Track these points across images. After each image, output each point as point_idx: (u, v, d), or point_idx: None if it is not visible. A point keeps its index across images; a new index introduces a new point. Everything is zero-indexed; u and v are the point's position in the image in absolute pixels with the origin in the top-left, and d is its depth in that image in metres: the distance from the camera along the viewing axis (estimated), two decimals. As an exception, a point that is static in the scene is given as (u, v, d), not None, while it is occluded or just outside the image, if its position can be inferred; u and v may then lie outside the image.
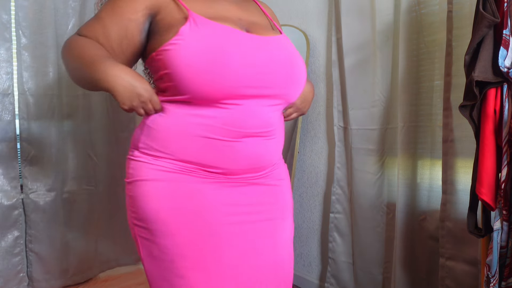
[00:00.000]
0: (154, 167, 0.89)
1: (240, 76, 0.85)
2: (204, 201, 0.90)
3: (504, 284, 1.13)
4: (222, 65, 0.83)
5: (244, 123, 0.89)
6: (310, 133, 2.21)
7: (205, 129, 0.88)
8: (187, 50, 0.83)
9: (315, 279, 2.21)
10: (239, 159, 0.91)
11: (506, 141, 1.10)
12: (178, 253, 0.88)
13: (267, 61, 0.90)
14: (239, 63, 0.85)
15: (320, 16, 2.12)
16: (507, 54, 1.09)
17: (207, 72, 0.83)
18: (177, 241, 0.88)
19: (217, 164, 0.90)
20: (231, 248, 0.91)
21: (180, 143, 0.89)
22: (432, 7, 1.60)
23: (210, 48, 0.83)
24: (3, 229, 2.00)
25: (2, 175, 2.00)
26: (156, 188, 0.89)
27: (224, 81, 0.84)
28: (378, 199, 1.82)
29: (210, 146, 0.89)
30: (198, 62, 0.82)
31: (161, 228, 0.88)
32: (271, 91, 0.92)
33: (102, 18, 0.92)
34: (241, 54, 0.85)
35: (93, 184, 2.26)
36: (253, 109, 0.90)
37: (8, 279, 2.01)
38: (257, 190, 0.98)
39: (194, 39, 0.83)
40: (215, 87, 0.84)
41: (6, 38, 1.98)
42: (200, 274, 0.88)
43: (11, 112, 2.01)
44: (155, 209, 0.88)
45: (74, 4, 2.15)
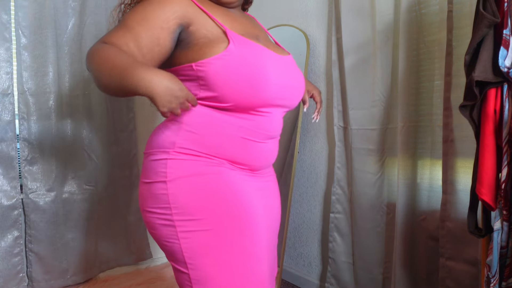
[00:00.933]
0: (195, 164, 0.99)
1: (272, 90, 1.00)
2: (242, 187, 1.03)
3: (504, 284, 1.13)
4: (261, 81, 0.97)
5: (270, 127, 1.06)
6: (310, 133, 2.21)
7: (242, 131, 1.02)
8: (233, 66, 0.94)
9: (315, 279, 2.21)
10: (264, 157, 1.08)
11: (506, 141, 1.10)
12: (224, 239, 0.97)
13: (289, 77, 1.07)
14: (273, 80, 1.00)
15: (320, 16, 2.12)
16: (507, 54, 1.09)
17: (249, 87, 0.96)
18: (223, 228, 0.97)
19: (247, 161, 1.05)
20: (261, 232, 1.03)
21: (218, 142, 1.00)
22: (432, 7, 1.60)
23: (252, 65, 0.96)
24: (3, 229, 2.00)
25: (2, 175, 2.00)
26: (200, 181, 0.98)
27: (261, 94, 0.99)
28: (378, 199, 1.82)
29: (245, 145, 1.03)
30: (242, 77, 0.95)
31: (213, 215, 0.96)
32: (289, 102, 1.10)
33: (132, 27, 0.94)
34: (274, 72, 1.00)
35: (93, 184, 2.26)
36: (277, 115, 1.07)
37: (8, 279, 2.01)
38: (270, 181, 1.17)
39: (238, 56, 0.95)
40: (254, 99, 0.99)
41: (6, 38, 1.98)
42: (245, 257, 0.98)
43: (11, 112, 2.01)
44: (202, 198, 0.97)
45: (74, 4, 2.15)
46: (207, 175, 0.98)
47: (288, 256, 2.37)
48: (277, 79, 1.01)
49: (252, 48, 0.99)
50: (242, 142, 1.01)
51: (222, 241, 0.96)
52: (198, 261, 0.96)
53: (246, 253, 0.98)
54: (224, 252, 0.96)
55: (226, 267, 0.96)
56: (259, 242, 1.01)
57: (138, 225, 2.44)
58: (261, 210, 1.05)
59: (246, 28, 1.08)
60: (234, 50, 0.95)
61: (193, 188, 0.97)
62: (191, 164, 0.98)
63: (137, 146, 2.44)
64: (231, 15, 1.09)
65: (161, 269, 2.47)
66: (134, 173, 2.41)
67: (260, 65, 0.97)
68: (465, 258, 1.50)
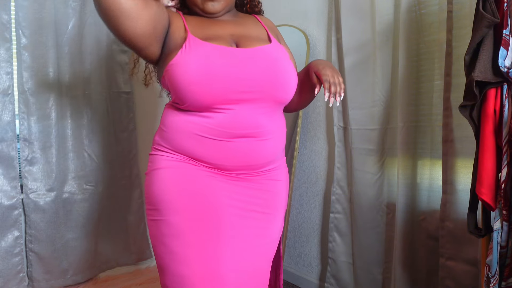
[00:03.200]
0: (164, 158, 1.07)
1: (225, 85, 1.00)
2: (205, 184, 1.04)
3: (504, 284, 1.13)
4: (210, 77, 0.99)
5: (235, 125, 1.03)
6: (310, 133, 2.21)
7: (198, 129, 1.03)
8: (182, 69, 1.00)
9: (315, 279, 2.21)
10: (231, 157, 1.05)
11: (506, 141, 1.10)
12: (183, 228, 1.01)
13: (249, 70, 1.03)
14: (225, 74, 1.00)
15: (320, 16, 2.12)
16: (507, 54, 1.09)
17: (199, 85, 0.99)
18: (183, 217, 1.01)
19: (208, 159, 1.05)
20: (227, 228, 1.03)
21: (180, 140, 1.05)
22: (432, 7, 1.60)
23: (201, 65, 1.00)
24: (3, 229, 2.00)
25: (2, 175, 2.00)
26: (165, 173, 1.05)
27: (212, 90, 1.00)
28: (378, 199, 1.82)
29: (202, 143, 1.04)
30: (191, 77, 0.99)
31: (169, 206, 1.02)
32: (256, 95, 1.04)
33: None
34: (226, 67, 1.01)
35: (93, 184, 2.26)
36: (243, 112, 1.03)
37: (8, 279, 2.01)
38: (251, 186, 1.10)
39: (188, 59, 1.01)
40: (206, 96, 1.00)
41: (6, 38, 1.98)
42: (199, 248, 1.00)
43: (11, 112, 2.01)
44: (164, 190, 1.04)
45: (74, 4, 2.15)
46: (171, 168, 1.05)
47: (288, 256, 2.37)
48: (231, 74, 1.01)
49: (203, 48, 1.03)
50: (199, 140, 1.04)
51: (176, 232, 1.01)
52: (157, 248, 1.04)
53: (201, 246, 1.00)
54: (178, 243, 1.00)
55: (178, 257, 1.00)
56: (218, 237, 1.01)
57: (138, 225, 2.44)
58: (227, 207, 1.04)
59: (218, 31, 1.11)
60: (183, 54, 1.02)
61: (157, 180, 1.05)
62: (161, 159, 1.08)
63: (137, 146, 2.44)
64: (211, 22, 1.14)
65: (161, 269, 2.47)
66: (134, 173, 2.41)
67: (207, 63, 1.00)
68: (465, 258, 1.50)
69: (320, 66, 1.10)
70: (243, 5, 1.28)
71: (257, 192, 1.10)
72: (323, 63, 1.12)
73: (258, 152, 1.07)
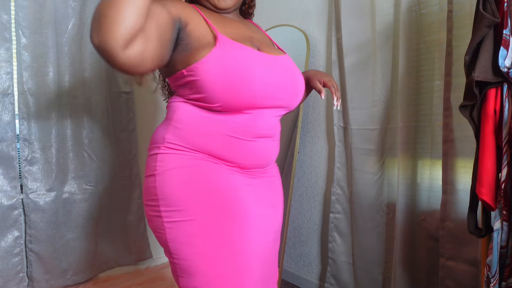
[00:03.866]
0: (181, 157, 1.02)
1: (259, 91, 1.01)
2: (229, 182, 1.04)
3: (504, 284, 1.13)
4: (247, 82, 0.99)
5: (258, 125, 1.06)
6: (310, 133, 2.21)
7: (227, 128, 1.03)
8: (216, 69, 0.97)
9: (315, 279, 2.21)
10: (254, 156, 1.07)
11: (506, 141, 1.10)
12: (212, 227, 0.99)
13: (278, 77, 1.06)
14: (260, 80, 1.01)
15: (320, 16, 2.12)
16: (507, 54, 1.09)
17: (235, 88, 0.98)
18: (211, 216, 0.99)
19: (234, 158, 1.05)
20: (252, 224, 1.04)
21: (203, 139, 1.03)
22: (432, 7, 1.60)
23: (238, 67, 0.98)
24: (3, 229, 2.00)
25: (2, 175, 2.00)
26: (185, 173, 1.01)
27: (248, 94, 1.00)
28: (378, 199, 1.82)
29: (231, 143, 1.03)
30: (228, 79, 0.97)
31: (196, 206, 0.99)
32: (279, 102, 1.09)
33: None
34: (261, 72, 1.02)
35: (93, 184, 2.26)
36: (265, 114, 1.07)
37: (8, 279, 2.01)
38: (264, 182, 1.14)
39: (222, 59, 0.98)
40: (239, 99, 1.00)
41: (6, 38, 1.98)
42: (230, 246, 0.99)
43: (11, 112, 2.01)
44: (188, 189, 0.99)
45: (74, 4, 2.15)
46: (190, 167, 1.01)
47: (288, 256, 2.37)
48: (264, 79, 1.02)
49: (238, 50, 1.01)
50: (227, 140, 1.03)
51: (205, 231, 0.98)
52: (182, 251, 0.99)
53: (231, 243, 0.99)
54: (208, 242, 0.98)
55: (209, 257, 0.98)
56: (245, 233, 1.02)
57: (138, 225, 2.44)
58: (249, 202, 1.05)
59: (239, 31, 1.10)
60: (219, 53, 0.97)
61: (178, 180, 1.00)
62: (176, 158, 1.02)
63: (137, 146, 2.44)
64: (226, 20, 1.12)
65: (161, 269, 2.47)
66: (134, 173, 2.41)
67: (243, 67, 0.99)
68: (465, 258, 1.50)
69: (319, 75, 1.24)
70: (242, 4, 1.28)
71: (267, 188, 1.15)
72: (320, 72, 1.27)
73: (271, 151, 1.12)
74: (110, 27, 0.78)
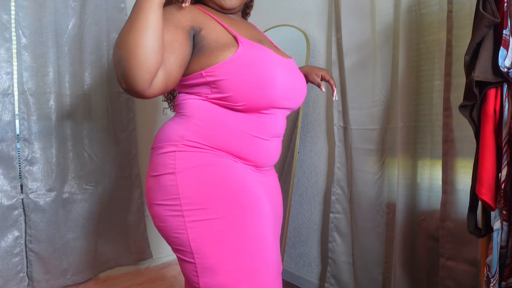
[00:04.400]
0: (203, 155, 1.02)
1: (279, 92, 1.04)
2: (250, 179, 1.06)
3: (504, 284, 1.13)
4: (270, 82, 1.02)
5: (275, 125, 1.10)
6: (310, 133, 2.21)
7: (249, 128, 1.05)
8: (243, 68, 0.99)
9: (315, 279, 2.21)
10: (268, 155, 1.11)
11: (506, 141, 1.10)
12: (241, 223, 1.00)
13: (294, 80, 1.12)
14: (282, 81, 1.04)
15: (320, 16, 2.12)
16: (507, 54, 1.09)
17: (258, 88, 1.00)
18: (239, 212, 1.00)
19: (252, 157, 1.08)
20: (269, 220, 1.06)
21: (225, 137, 1.04)
22: (432, 7, 1.60)
23: (260, 68, 1.01)
24: (3, 229, 2.00)
25: (2, 175, 2.01)
26: (208, 171, 1.01)
27: (268, 95, 1.03)
28: (378, 199, 1.82)
29: (251, 141, 1.06)
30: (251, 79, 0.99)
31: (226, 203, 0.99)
32: (293, 103, 1.13)
33: None
34: (282, 73, 1.05)
35: (93, 184, 2.26)
36: (281, 115, 1.12)
37: (8, 279, 2.01)
38: (272, 180, 1.20)
39: (247, 59, 1.00)
40: (262, 99, 1.03)
41: (6, 38, 1.98)
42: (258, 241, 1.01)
43: (11, 112, 2.01)
44: (210, 188, 0.99)
45: (74, 4, 2.15)
46: (213, 165, 1.01)
47: (288, 256, 2.37)
48: (283, 81, 1.05)
49: (260, 51, 1.03)
50: (248, 138, 1.05)
51: (231, 228, 0.98)
52: (206, 250, 0.97)
53: (256, 238, 1.00)
54: (234, 239, 0.98)
55: (236, 253, 0.97)
56: (267, 228, 1.03)
57: (138, 225, 2.44)
58: (266, 199, 1.08)
59: (250, 32, 1.13)
60: (244, 53, 0.99)
61: (201, 178, 0.99)
62: (198, 156, 1.01)
63: (137, 146, 2.44)
64: (233, 20, 1.14)
65: (161, 269, 2.47)
66: (134, 173, 2.41)
67: (268, 68, 1.01)
68: (465, 258, 1.51)
69: (316, 69, 1.32)
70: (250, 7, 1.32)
71: (275, 185, 1.21)
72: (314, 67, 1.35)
73: (279, 150, 1.17)
74: (134, 74, 0.86)
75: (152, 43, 0.86)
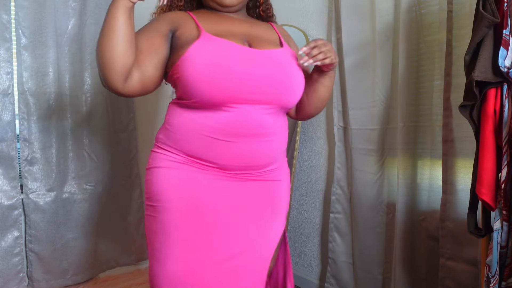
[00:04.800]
0: (165, 158, 1.08)
1: (233, 83, 0.99)
2: (204, 188, 1.06)
3: (504, 284, 1.13)
4: (219, 73, 0.98)
5: (241, 125, 1.02)
6: (310, 133, 2.21)
7: (206, 129, 1.02)
8: (193, 62, 0.99)
9: (315, 279, 2.21)
10: (235, 157, 1.04)
11: (506, 141, 1.10)
12: (171, 228, 1.04)
13: (259, 71, 1.03)
14: (233, 72, 0.99)
15: (320, 16, 2.12)
16: (507, 54, 1.09)
17: (208, 79, 0.98)
18: (173, 217, 1.05)
19: (215, 159, 1.05)
20: (214, 231, 1.06)
21: (186, 140, 1.05)
22: (432, 7, 1.60)
23: (215, 60, 0.99)
24: (3, 229, 2.00)
25: (2, 175, 2.00)
26: (164, 173, 1.07)
27: (221, 87, 0.99)
28: (378, 199, 1.82)
29: (208, 143, 1.03)
30: (201, 71, 0.98)
31: (163, 205, 1.05)
32: (264, 97, 1.04)
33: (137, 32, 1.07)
34: (236, 65, 1.00)
35: (93, 184, 2.26)
36: (250, 112, 1.03)
37: (8, 279, 2.01)
38: (252, 186, 1.10)
39: (200, 52, 0.99)
40: (214, 92, 0.99)
41: (6, 38, 1.98)
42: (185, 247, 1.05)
43: (11, 112, 2.01)
44: (160, 189, 1.06)
45: (74, 4, 2.15)
46: (170, 169, 1.07)
47: (288, 256, 2.37)
48: (242, 72, 1.00)
49: (217, 43, 1.02)
50: (204, 140, 1.03)
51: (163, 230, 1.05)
52: (147, 241, 1.10)
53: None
54: (162, 240, 1.05)
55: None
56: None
57: (138, 225, 2.44)
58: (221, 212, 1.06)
59: (230, 28, 1.10)
60: (198, 48, 1.00)
61: (156, 178, 1.07)
62: (161, 157, 1.08)
63: (137, 146, 2.44)
64: (223, 18, 1.13)
65: (161, 269, 2.47)
66: (134, 173, 2.41)
67: (221, 60, 1.00)
68: (465, 258, 1.50)
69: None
70: (256, 7, 1.26)
71: (258, 192, 1.10)
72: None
73: (262, 152, 1.07)
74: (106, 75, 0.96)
75: (118, 48, 0.94)
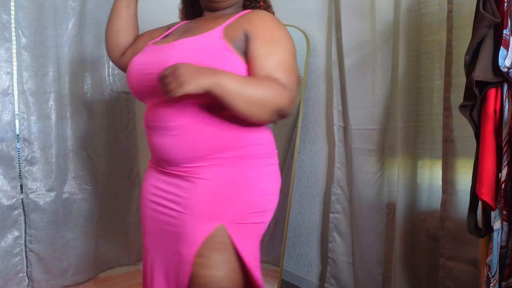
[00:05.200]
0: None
1: (132, 80, 1.10)
2: (145, 182, 1.19)
3: (504, 284, 1.13)
4: (129, 72, 1.12)
5: (149, 118, 1.08)
6: (310, 133, 2.21)
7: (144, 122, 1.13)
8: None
9: (315, 279, 2.21)
10: (156, 150, 1.08)
11: (506, 141, 1.10)
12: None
13: (151, 65, 1.04)
14: (132, 67, 1.10)
15: (320, 16, 2.12)
16: (507, 54, 1.09)
17: (127, 79, 1.13)
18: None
19: (152, 153, 1.14)
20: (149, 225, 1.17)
21: None
22: (432, 7, 1.60)
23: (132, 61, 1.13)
24: (3, 229, 2.00)
25: (2, 175, 2.00)
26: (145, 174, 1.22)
27: (131, 84, 1.11)
28: (378, 199, 1.82)
29: (147, 137, 1.12)
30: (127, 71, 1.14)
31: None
32: (158, 89, 0.92)
33: None
34: (136, 60, 1.10)
35: (93, 184, 2.26)
36: (153, 106, 1.08)
37: (8, 279, 2.01)
38: (175, 182, 1.07)
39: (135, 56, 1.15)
40: (131, 89, 1.13)
41: (6, 38, 1.98)
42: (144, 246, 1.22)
43: (11, 112, 2.01)
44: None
45: (74, 4, 2.15)
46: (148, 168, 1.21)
47: (288, 256, 2.37)
48: (138, 68, 1.08)
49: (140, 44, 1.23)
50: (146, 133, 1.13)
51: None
52: None
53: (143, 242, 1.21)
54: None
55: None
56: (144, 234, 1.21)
57: (138, 225, 2.43)
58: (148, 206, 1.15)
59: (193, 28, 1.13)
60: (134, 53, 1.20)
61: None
62: None
63: (137, 146, 2.43)
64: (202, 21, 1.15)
65: (161, 269, 2.47)
66: (134, 173, 2.41)
67: (132, 61, 1.12)
68: (465, 258, 1.50)
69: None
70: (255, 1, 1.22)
71: (178, 190, 1.05)
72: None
73: (171, 147, 1.02)
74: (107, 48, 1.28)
75: (114, 27, 1.24)
